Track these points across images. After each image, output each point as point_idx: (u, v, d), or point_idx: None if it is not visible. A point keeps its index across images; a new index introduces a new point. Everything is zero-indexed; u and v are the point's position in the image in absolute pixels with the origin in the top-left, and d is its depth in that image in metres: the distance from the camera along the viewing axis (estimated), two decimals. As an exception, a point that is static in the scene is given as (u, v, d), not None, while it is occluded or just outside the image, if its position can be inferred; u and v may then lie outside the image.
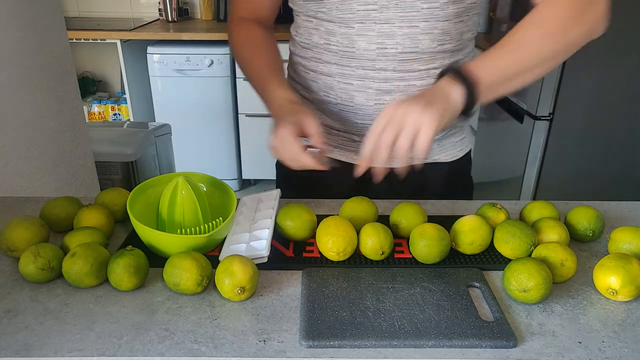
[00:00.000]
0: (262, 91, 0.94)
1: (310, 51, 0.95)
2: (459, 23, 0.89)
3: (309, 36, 0.94)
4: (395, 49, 0.88)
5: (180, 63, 2.77)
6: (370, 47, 0.88)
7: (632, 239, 0.75)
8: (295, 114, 0.84)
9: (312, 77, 0.97)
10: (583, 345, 0.60)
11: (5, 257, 0.76)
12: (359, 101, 0.93)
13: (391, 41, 0.87)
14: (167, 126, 2.58)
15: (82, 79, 3.17)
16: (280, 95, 0.89)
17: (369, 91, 0.92)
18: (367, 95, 0.92)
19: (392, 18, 0.85)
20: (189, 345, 0.60)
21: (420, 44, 0.87)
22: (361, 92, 0.92)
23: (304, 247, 0.79)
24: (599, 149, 2.08)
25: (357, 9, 0.86)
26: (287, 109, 0.86)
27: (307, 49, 0.96)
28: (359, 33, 0.88)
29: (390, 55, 0.88)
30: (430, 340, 0.60)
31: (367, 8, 0.85)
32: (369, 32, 0.87)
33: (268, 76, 0.93)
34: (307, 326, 0.62)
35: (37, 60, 1.33)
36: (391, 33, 0.86)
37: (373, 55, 0.89)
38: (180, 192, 0.76)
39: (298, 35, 0.98)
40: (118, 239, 0.81)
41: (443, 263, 0.75)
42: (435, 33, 0.87)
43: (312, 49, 0.95)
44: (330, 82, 0.94)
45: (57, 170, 1.42)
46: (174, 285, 0.67)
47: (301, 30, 0.96)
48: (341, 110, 0.96)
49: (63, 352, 0.58)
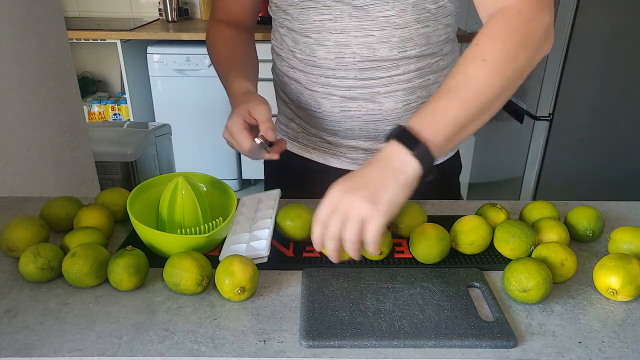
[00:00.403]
0: (224, 84, 0.94)
1: (283, 57, 0.97)
2: (424, 28, 0.87)
3: (281, 42, 0.97)
4: (353, 58, 0.88)
5: (180, 63, 2.77)
6: (329, 56, 0.89)
7: (632, 239, 0.75)
8: (246, 103, 0.83)
9: (286, 81, 0.99)
10: (583, 345, 0.60)
11: (5, 257, 0.76)
12: (326, 108, 0.94)
13: (348, 50, 0.87)
14: (167, 126, 2.58)
15: (82, 79, 3.17)
16: (237, 87, 0.89)
17: (334, 98, 0.92)
18: (332, 102, 0.93)
19: (347, 28, 0.86)
20: (189, 345, 0.60)
21: (378, 52, 0.87)
22: (326, 99, 0.93)
23: (304, 247, 0.79)
24: (598, 149, 2.08)
25: (314, 19, 0.87)
26: (241, 99, 0.86)
27: (280, 55, 0.98)
28: (317, 42, 0.89)
29: (349, 64, 0.88)
30: (430, 340, 0.60)
31: (323, 18, 0.86)
32: (326, 42, 0.88)
33: (229, 69, 0.94)
34: (307, 326, 0.62)
35: (37, 60, 1.33)
36: (347, 42, 0.87)
37: (332, 64, 0.89)
38: (180, 192, 0.76)
39: (274, 39, 1.00)
40: (118, 239, 0.81)
41: (443, 263, 0.75)
42: (394, 41, 0.86)
43: (283, 55, 0.97)
44: (299, 88, 0.96)
45: (57, 170, 1.42)
46: (174, 285, 0.67)
47: (276, 36, 0.99)
48: (311, 115, 0.97)
49: (63, 352, 0.58)
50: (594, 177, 2.13)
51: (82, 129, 1.56)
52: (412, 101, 0.93)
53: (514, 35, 0.71)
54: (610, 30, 1.87)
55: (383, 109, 0.92)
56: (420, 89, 0.93)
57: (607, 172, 2.13)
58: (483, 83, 0.69)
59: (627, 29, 1.87)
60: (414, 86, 0.92)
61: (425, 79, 0.92)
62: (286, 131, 1.07)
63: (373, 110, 0.92)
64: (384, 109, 0.92)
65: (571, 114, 1.99)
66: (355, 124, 0.94)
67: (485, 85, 0.69)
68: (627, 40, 1.89)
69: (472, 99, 0.69)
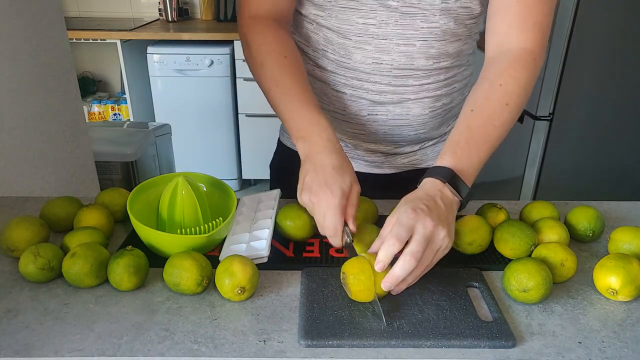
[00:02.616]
0: (296, 114, 0.80)
1: (309, 55, 0.94)
2: (457, 42, 0.88)
3: (308, 39, 0.92)
4: (391, 65, 0.88)
5: (180, 63, 2.77)
6: (366, 60, 0.88)
7: (632, 239, 0.75)
8: (343, 177, 0.72)
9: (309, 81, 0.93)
10: (583, 345, 0.60)
11: (5, 257, 0.76)
12: (352, 110, 0.93)
13: (387, 57, 0.87)
14: (167, 126, 2.58)
15: (82, 79, 3.17)
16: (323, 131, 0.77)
17: (363, 102, 0.92)
18: (360, 105, 0.92)
19: (389, 35, 0.85)
20: (189, 345, 0.60)
21: (415, 62, 0.87)
22: (354, 102, 0.92)
23: (304, 247, 0.79)
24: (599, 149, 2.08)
25: (357, 21, 0.85)
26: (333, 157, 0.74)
27: (305, 51, 0.94)
28: (356, 45, 0.87)
29: (385, 70, 0.88)
30: (429, 340, 0.60)
31: (367, 22, 0.85)
32: (366, 46, 0.87)
33: (307, 99, 0.80)
34: (306, 326, 0.62)
35: (37, 60, 1.33)
36: (387, 49, 0.86)
37: (369, 68, 0.88)
38: (180, 192, 0.76)
39: (297, 34, 0.95)
40: (118, 239, 0.81)
41: (443, 263, 0.75)
42: (432, 52, 0.87)
43: (309, 53, 0.93)
44: (325, 89, 0.94)
45: (57, 170, 1.43)
46: (174, 285, 0.67)
47: (301, 32, 0.93)
48: (334, 117, 0.96)
49: (63, 352, 0.58)
50: (594, 177, 2.13)
51: (82, 129, 1.56)
52: (437, 108, 0.94)
53: (530, 79, 0.81)
54: (610, 30, 1.87)
55: (410, 114, 0.92)
56: (446, 96, 0.94)
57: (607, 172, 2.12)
58: (506, 126, 0.79)
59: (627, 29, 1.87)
60: (440, 94, 0.93)
61: (451, 87, 0.94)
62: None
63: (400, 115, 0.92)
64: (411, 114, 0.92)
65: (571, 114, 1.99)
66: (380, 128, 0.94)
67: (507, 126, 0.79)
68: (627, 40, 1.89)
69: (497, 140, 0.78)
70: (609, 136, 2.05)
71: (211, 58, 2.76)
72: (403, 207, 0.66)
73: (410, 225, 0.63)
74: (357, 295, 0.64)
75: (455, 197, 0.71)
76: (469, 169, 0.74)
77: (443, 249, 0.66)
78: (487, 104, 0.79)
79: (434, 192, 0.70)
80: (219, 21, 3.13)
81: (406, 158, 1.00)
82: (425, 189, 0.71)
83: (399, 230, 0.63)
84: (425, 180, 0.73)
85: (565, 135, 2.03)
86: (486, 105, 0.79)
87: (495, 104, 0.78)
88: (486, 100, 0.79)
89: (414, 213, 0.64)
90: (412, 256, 0.62)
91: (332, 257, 0.77)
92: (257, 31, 0.86)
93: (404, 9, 0.83)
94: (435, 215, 0.65)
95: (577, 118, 2.00)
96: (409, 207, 0.65)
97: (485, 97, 0.79)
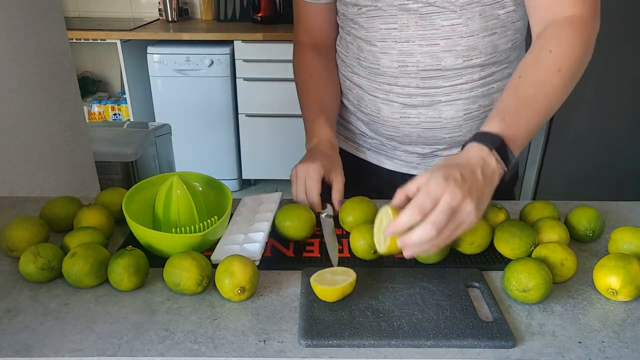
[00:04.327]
0: (308, 123, 0.98)
1: (347, 63, 0.98)
2: (490, 36, 0.85)
3: (347, 49, 0.98)
4: (417, 67, 0.88)
5: (180, 63, 2.77)
6: (392, 64, 0.89)
7: (632, 239, 0.75)
8: (330, 160, 0.90)
9: (348, 85, 1.00)
10: (583, 345, 0.60)
11: (5, 257, 0.76)
12: (385, 113, 0.95)
13: (412, 59, 0.87)
14: (167, 126, 2.58)
15: (82, 79, 3.17)
16: (324, 134, 0.95)
17: (394, 105, 0.93)
18: (393, 108, 0.93)
19: (412, 37, 0.86)
20: (189, 345, 0.60)
21: (442, 61, 0.86)
22: (387, 105, 0.94)
23: (304, 247, 0.79)
24: (598, 149, 2.08)
25: (380, 27, 0.87)
26: (325, 149, 0.92)
27: (344, 61, 0.99)
28: (382, 51, 0.89)
29: (412, 73, 0.88)
30: (429, 340, 0.60)
31: (389, 27, 0.86)
32: (391, 51, 0.88)
33: (318, 112, 0.97)
34: (306, 326, 0.62)
35: (37, 60, 1.33)
36: (411, 51, 0.87)
37: (396, 72, 0.89)
38: (175, 192, 0.76)
39: (339, 46, 1.01)
40: (118, 239, 0.81)
41: (443, 263, 0.75)
42: (459, 50, 0.85)
43: (348, 62, 0.98)
44: (361, 94, 0.97)
45: (57, 170, 1.42)
46: (174, 285, 0.67)
47: (342, 43, 0.99)
48: (370, 120, 0.99)
49: (63, 352, 0.58)
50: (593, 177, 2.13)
51: (82, 129, 1.56)
52: (473, 110, 0.91)
53: (583, 46, 0.75)
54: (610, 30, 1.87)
55: (442, 117, 0.92)
56: (483, 97, 0.91)
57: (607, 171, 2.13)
58: (559, 94, 0.75)
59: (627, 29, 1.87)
60: (476, 95, 0.90)
61: (488, 88, 0.91)
62: (344, 132, 1.08)
63: (432, 118, 0.92)
64: (444, 117, 0.92)
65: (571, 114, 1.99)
66: (414, 130, 0.94)
67: (560, 95, 0.75)
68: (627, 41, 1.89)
69: (549, 109, 0.75)
70: (609, 136, 2.05)
71: (211, 58, 2.76)
72: (437, 171, 0.62)
73: (438, 195, 0.60)
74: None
75: (499, 166, 0.67)
76: (517, 137, 0.69)
77: (468, 224, 0.62)
78: (537, 71, 0.74)
79: (476, 160, 0.66)
80: (219, 21, 3.13)
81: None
82: (468, 155, 0.67)
83: (424, 201, 0.60)
84: (470, 145, 0.68)
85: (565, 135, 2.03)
86: (536, 72, 0.74)
87: (546, 71, 0.74)
88: (536, 66, 0.74)
89: (444, 182, 0.60)
90: (434, 226, 0.59)
91: (332, 257, 0.77)
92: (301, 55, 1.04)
93: (423, 10, 0.83)
94: (467, 187, 0.62)
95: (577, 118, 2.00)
96: (441, 173, 0.61)
97: (535, 63, 0.75)
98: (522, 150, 0.74)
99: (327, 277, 0.67)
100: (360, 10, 0.89)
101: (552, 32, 0.76)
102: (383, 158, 1.04)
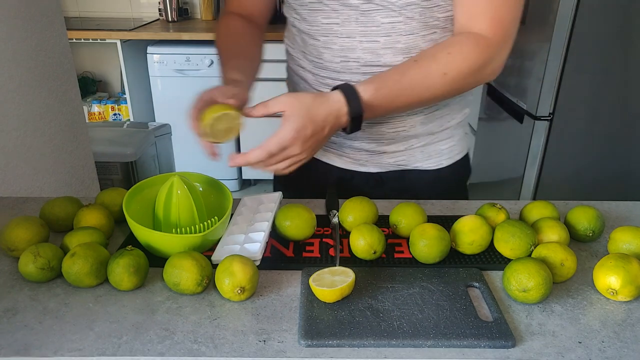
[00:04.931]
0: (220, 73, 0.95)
1: (294, 56, 0.98)
2: (431, 35, 0.86)
3: (293, 42, 0.98)
4: (358, 62, 0.88)
5: (180, 63, 2.77)
6: (335, 59, 0.89)
7: (632, 239, 0.75)
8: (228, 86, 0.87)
9: (296, 80, 1.00)
10: (583, 345, 0.60)
11: (5, 257, 0.76)
12: None
13: (353, 55, 0.88)
14: (167, 126, 2.58)
15: (82, 79, 3.17)
16: (226, 77, 0.91)
17: None
18: None
19: (353, 32, 0.86)
20: (189, 345, 0.60)
21: (382, 58, 0.87)
22: None
23: (304, 247, 0.79)
24: (599, 149, 2.08)
25: (322, 22, 0.88)
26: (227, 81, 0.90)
27: (291, 54, 0.99)
28: (324, 45, 0.89)
29: (354, 68, 0.89)
30: (429, 340, 0.60)
31: (331, 22, 0.87)
32: (333, 46, 0.88)
33: (227, 59, 0.95)
34: (306, 326, 0.62)
35: (37, 60, 1.33)
36: (352, 47, 0.87)
37: (338, 67, 0.90)
38: (176, 192, 0.76)
39: (287, 38, 1.01)
40: (118, 239, 0.81)
41: (443, 263, 0.75)
42: (399, 47, 0.86)
43: (294, 55, 0.98)
44: (307, 88, 0.97)
45: (57, 170, 1.42)
46: (174, 285, 0.67)
47: (288, 35, 0.99)
48: None
49: (63, 351, 0.58)
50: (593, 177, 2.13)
51: (82, 129, 1.56)
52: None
53: (478, 61, 0.81)
54: (609, 30, 1.87)
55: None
56: None
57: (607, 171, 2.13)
58: (433, 92, 0.82)
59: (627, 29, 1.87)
60: None
61: None
62: None
63: None
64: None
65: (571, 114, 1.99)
66: None
67: (435, 94, 0.83)
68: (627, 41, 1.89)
69: (416, 99, 0.83)
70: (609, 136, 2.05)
71: (211, 58, 2.76)
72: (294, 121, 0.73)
73: (285, 146, 0.73)
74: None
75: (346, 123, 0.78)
76: (377, 111, 0.80)
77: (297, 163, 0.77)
78: (430, 64, 0.81)
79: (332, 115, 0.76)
80: (219, 21, 3.13)
81: (392, 158, 0.99)
82: (328, 107, 0.76)
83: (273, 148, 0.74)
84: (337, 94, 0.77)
85: (565, 135, 2.03)
86: (428, 65, 0.81)
87: (436, 68, 0.80)
88: (431, 59, 0.81)
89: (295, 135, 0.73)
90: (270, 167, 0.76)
91: (332, 257, 0.77)
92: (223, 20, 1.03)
93: (364, 7, 0.84)
94: (309, 144, 0.75)
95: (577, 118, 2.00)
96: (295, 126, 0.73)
97: (432, 56, 0.81)
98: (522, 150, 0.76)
99: (326, 278, 0.67)
100: (303, 2, 0.89)
101: (460, 39, 0.82)
102: (332, 156, 1.02)
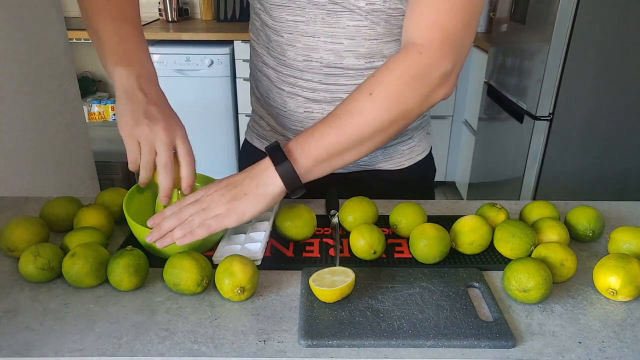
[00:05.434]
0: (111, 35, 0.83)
1: (258, 52, 0.97)
2: (395, 42, 0.86)
3: (257, 36, 0.96)
4: (320, 62, 0.88)
5: (180, 63, 2.77)
6: (298, 57, 0.89)
7: (632, 239, 0.75)
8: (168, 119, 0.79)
9: (258, 77, 0.99)
10: (583, 345, 0.60)
11: (5, 257, 0.76)
12: (290, 107, 0.94)
13: (316, 54, 0.87)
14: (167, 126, 2.58)
15: (82, 79, 3.17)
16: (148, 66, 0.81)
17: (299, 99, 0.93)
18: (297, 102, 0.93)
19: (318, 32, 0.86)
20: (189, 345, 0.60)
21: (345, 60, 0.87)
22: (292, 99, 0.93)
23: (304, 247, 0.79)
24: (599, 149, 2.08)
25: (287, 19, 0.86)
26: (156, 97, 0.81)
27: (256, 49, 0.97)
28: (288, 43, 0.88)
29: (316, 68, 0.88)
30: (429, 340, 0.60)
31: (296, 20, 0.86)
32: (297, 44, 0.88)
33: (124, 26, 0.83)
34: (306, 326, 0.62)
35: (37, 60, 1.33)
36: (316, 47, 0.87)
37: (301, 66, 0.89)
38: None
39: (252, 32, 0.99)
40: (118, 239, 0.81)
41: (443, 263, 0.75)
42: (362, 51, 0.86)
43: (259, 50, 0.96)
44: (269, 86, 0.96)
45: (57, 170, 1.43)
46: (174, 285, 0.67)
47: (252, 29, 0.97)
48: (277, 113, 0.98)
49: (63, 352, 0.58)
50: (593, 177, 2.13)
51: (82, 129, 1.56)
52: None
53: (407, 75, 0.72)
54: (609, 30, 1.87)
55: None
56: None
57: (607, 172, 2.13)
58: (365, 117, 0.72)
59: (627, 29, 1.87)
60: None
61: None
62: (257, 128, 1.07)
63: None
64: None
65: (571, 114, 1.99)
66: None
67: (367, 119, 0.72)
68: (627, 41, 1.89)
69: (350, 130, 0.72)
70: (609, 136, 2.06)
71: (211, 58, 2.76)
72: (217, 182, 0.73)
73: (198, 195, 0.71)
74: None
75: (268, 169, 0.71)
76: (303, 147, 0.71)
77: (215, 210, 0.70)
78: (355, 90, 0.74)
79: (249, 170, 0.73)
80: (219, 21, 3.13)
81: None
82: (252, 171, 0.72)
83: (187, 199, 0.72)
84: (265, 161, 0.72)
85: (565, 135, 2.04)
86: (354, 92, 0.74)
87: (359, 92, 0.73)
88: (357, 87, 0.74)
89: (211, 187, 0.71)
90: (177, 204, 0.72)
91: (332, 257, 0.77)
92: None
93: (330, 7, 0.83)
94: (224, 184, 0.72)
95: (577, 118, 2.00)
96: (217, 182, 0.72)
97: (358, 87, 0.74)
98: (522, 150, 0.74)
99: (326, 278, 0.67)
100: None
101: (388, 60, 0.75)
102: None
